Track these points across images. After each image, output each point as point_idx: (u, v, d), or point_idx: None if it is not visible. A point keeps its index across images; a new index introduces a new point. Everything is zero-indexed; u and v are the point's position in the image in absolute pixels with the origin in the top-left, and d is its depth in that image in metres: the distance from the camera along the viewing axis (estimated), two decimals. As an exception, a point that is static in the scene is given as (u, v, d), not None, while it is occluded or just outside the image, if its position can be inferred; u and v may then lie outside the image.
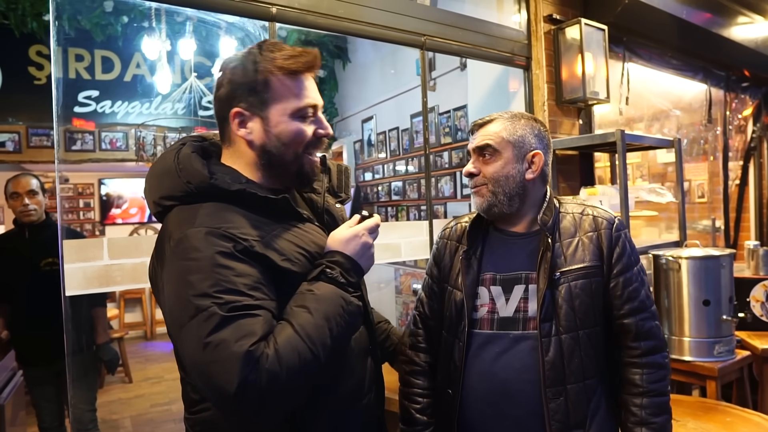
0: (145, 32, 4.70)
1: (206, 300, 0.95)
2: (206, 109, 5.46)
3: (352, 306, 1.07)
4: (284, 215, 1.13)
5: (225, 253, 0.99)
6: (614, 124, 3.63)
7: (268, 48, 1.13)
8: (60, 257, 1.75)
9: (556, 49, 3.00)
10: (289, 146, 1.13)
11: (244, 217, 1.06)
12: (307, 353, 0.97)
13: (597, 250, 1.34)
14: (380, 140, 5.56)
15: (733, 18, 3.85)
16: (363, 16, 2.32)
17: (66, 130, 5.36)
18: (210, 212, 1.05)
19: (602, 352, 1.35)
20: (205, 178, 1.07)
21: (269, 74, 1.10)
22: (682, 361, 2.41)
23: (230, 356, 0.92)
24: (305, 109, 1.13)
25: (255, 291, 0.99)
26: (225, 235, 1.01)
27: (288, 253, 1.08)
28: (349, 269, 1.10)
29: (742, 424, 1.99)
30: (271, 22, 2.09)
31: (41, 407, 3.00)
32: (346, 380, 1.17)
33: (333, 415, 1.14)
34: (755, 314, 2.83)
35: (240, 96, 1.11)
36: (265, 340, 0.96)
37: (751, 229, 4.98)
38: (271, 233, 1.08)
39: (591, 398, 1.31)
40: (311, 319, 1.00)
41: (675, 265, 2.43)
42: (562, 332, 1.29)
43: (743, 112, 4.92)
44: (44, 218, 2.96)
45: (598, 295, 1.33)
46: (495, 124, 1.39)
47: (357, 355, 1.20)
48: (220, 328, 0.94)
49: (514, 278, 1.36)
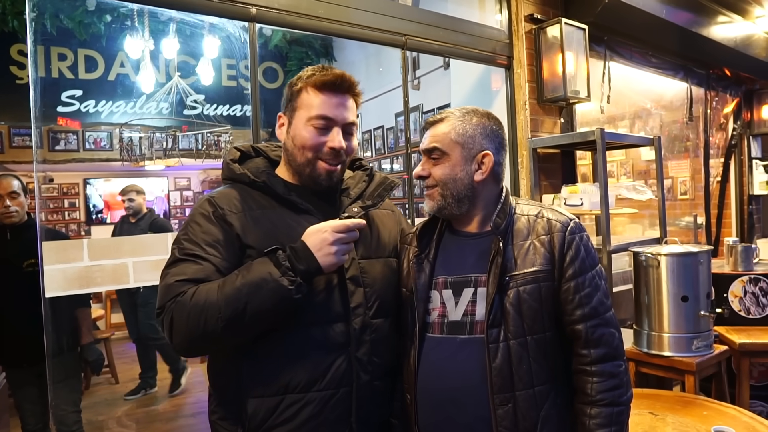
0: (128, 31, 4.68)
1: (176, 245, 1.27)
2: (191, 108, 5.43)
3: (274, 284, 1.16)
4: (282, 202, 1.32)
5: (203, 214, 1.28)
6: (596, 122, 3.67)
7: (315, 70, 1.35)
8: (39, 258, 1.74)
9: (537, 49, 3.02)
10: (301, 149, 1.32)
11: (244, 196, 1.32)
12: (213, 304, 1.16)
13: (549, 254, 1.30)
14: (365, 139, 5.57)
15: (713, 17, 3.90)
16: (343, 16, 2.32)
17: (49, 129, 5.32)
18: (224, 189, 1.35)
19: (555, 358, 1.30)
20: (227, 165, 1.38)
21: (303, 87, 1.33)
22: (662, 356, 2.44)
23: (165, 285, 1.22)
24: (320, 119, 1.31)
25: (209, 247, 1.24)
26: (211, 203, 1.29)
27: (257, 229, 1.27)
28: (300, 257, 1.20)
29: (718, 417, 2.02)
30: (251, 23, 2.09)
31: (24, 409, 2.97)
32: (294, 365, 1.26)
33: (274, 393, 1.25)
34: (733, 309, 2.88)
35: (284, 104, 1.38)
36: (195, 283, 1.19)
37: (732, 225, 5.05)
38: (257, 212, 1.30)
39: (542, 405, 1.26)
40: (234, 280, 1.18)
41: (654, 261, 2.46)
42: (510, 338, 1.26)
43: (724, 110, 4.98)
44: (26, 219, 2.94)
45: (548, 300, 1.28)
46: (445, 123, 1.36)
47: (317, 347, 1.27)
48: (171, 265, 1.24)
49: (464, 281, 1.33)
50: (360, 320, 1.30)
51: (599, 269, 1.34)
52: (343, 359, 1.28)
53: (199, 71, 5.01)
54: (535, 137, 2.96)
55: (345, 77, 1.33)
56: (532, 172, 2.96)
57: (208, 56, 4.80)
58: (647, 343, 2.49)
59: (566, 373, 1.33)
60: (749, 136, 5.05)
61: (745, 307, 2.87)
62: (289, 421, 1.24)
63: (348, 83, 1.34)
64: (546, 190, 3.03)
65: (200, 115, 5.46)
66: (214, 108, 5.63)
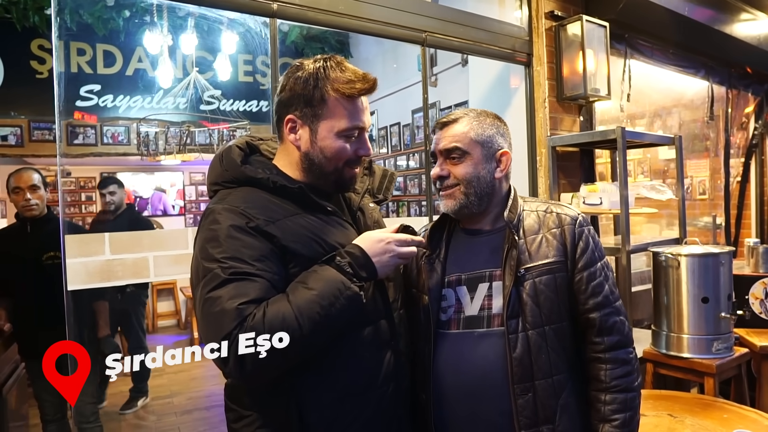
0: (146, 27, 4.70)
1: (213, 264, 1.10)
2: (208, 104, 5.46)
3: (349, 291, 1.12)
4: (309, 205, 1.23)
5: (237, 227, 1.13)
6: (615, 120, 3.63)
7: (333, 67, 1.23)
8: (62, 252, 1.76)
9: (558, 46, 3.00)
10: (331, 160, 1.24)
11: (267, 202, 1.20)
12: (293, 321, 1.06)
13: (561, 246, 1.34)
14: (381, 135, 5.57)
15: (736, 15, 3.84)
16: (363, 12, 2.32)
17: (68, 124, 5.37)
18: (239, 195, 1.21)
19: (571, 348, 1.34)
20: (237, 166, 1.24)
21: (327, 93, 1.21)
22: (681, 357, 2.41)
23: (222, 311, 1.05)
24: (352, 130, 1.24)
25: (258, 262, 1.11)
26: (241, 213, 1.15)
27: (298, 236, 1.18)
28: (362, 264, 1.16)
29: (739, 421, 1.99)
30: (272, 18, 2.09)
31: (43, 400, 3.01)
32: (353, 368, 1.22)
33: (336, 401, 1.20)
34: (754, 311, 2.84)
35: (297, 105, 1.23)
36: (257, 304, 1.07)
37: (752, 226, 4.98)
38: (288, 218, 1.19)
39: (560, 394, 1.30)
40: (306, 293, 1.09)
41: (674, 262, 2.43)
42: (529, 328, 1.29)
43: (745, 109, 4.91)
44: (46, 212, 2.98)
45: (563, 290, 1.33)
46: (461, 124, 1.37)
47: (370, 346, 1.25)
48: (219, 288, 1.07)
49: (479, 276, 1.36)
50: (397, 314, 1.35)
51: (606, 260, 1.40)
52: (391, 354, 1.29)
53: (217, 66, 5.03)
54: (554, 135, 2.94)
55: (374, 81, 1.25)
56: (551, 171, 2.94)
57: (225, 52, 4.82)
58: (666, 344, 2.46)
59: (580, 363, 1.37)
60: (771, 136, 4.97)
61: (766, 309, 2.83)
62: (352, 424, 1.23)
63: (375, 84, 1.26)
64: (564, 189, 3.01)
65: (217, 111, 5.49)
66: (231, 103, 5.65)
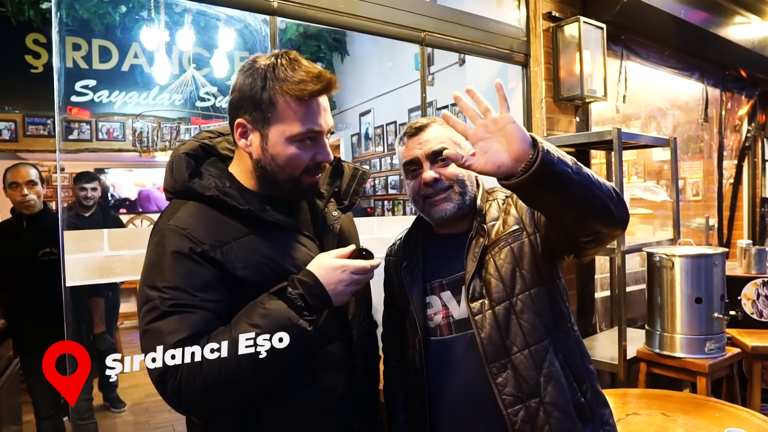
0: (143, 22, 4.67)
1: (155, 292, 1.05)
2: (204, 101, 5.44)
3: (295, 329, 1.04)
4: (263, 224, 1.14)
5: (182, 254, 1.06)
6: (611, 121, 3.65)
7: (283, 66, 1.11)
8: (60, 248, 1.75)
9: (555, 47, 3.01)
10: (284, 168, 1.14)
11: (217, 221, 1.11)
12: (232, 360, 1.00)
13: (516, 216, 1.33)
14: (377, 134, 5.57)
15: (731, 18, 3.87)
16: (363, 11, 2.32)
17: (63, 119, 5.34)
18: (187, 212, 1.11)
19: (546, 314, 1.29)
20: (185, 180, 1.13)
21: (276, 95, 1.10)
22: (674, 357, 2.44)
23: (160, 346, 0.99)
24: (305, 134, 1.12)
25: (201, 292, 1.05)
26: (188, 237, 1.07)
27: (248, 261, 1.10)
28: (314, 294, 1.08)
29: (731, 420, 2.02)
30: (272, 16, 2.10)
31: (37, 396, 3.00)
32: (305, 389, 1.17)
33: (288, 420, 1.16)
34: (746, 312, 2.87)
35: (246, 108, 1.13)
36: (198, 338, 1.01)
37: (744, 227, 5.02)
38: (238, 240, 1.10)
39: (541, 364, 1.25)
40: (248, 331, 1.02)
41: (668, 263, 2.46)
42: (495, 305, 1.27)
43: (739, 111, 4.95)
44: (42, 208, 2.97)
45: (525, 256, 1.29)
46: (439, 126, 1.36)
47: (324, 367, 1.20)
48: (158, 320, 1.02)
49: (459, 279, 1.34)
50: (356, 331, 1.27)
51: None
52: (346, 373, 1.24)
53: (213, 63, 5.01)
54: (551, 136, 2.95)
55: (330, 80, 1.13)
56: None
57: (223, 49, 4.79)
58: (659, 344, 2.49)
59: (562, 327, 1.33)
60: (763, 139, 5.01)
61: (758, 310, 2.86)
62: None
63: (333, 84, 1.13)
64: (560, 189, 3.01)
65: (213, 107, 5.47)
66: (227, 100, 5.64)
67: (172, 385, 1.00)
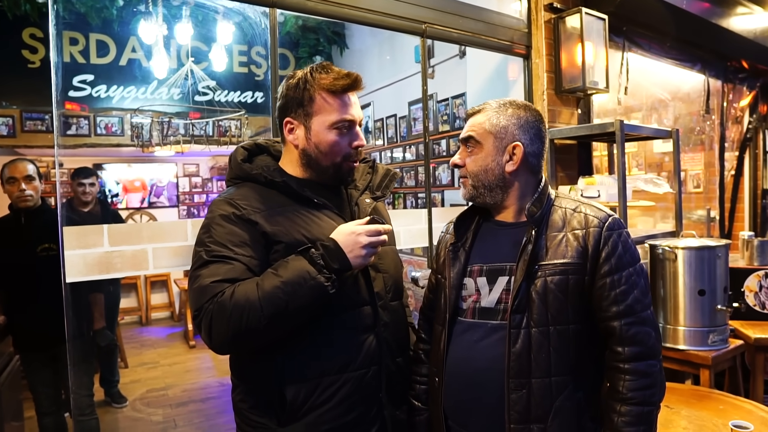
0: (141, 16, 4.64)
1: (201, 248, 1.30)
2: (202, 95, 5.41)
3: (313, 282, 1.22)
4: (299, 198, 1.37)
5: (225, 216, 1.31)
6: (612, 113, 3.63)
7: (317, 71, 1.37)
8: (60, 244, 1.74)
9: (556, 38, 2.99)
10: (327, 155, 1.37)
11: (261, 195, 1.36)
12: (255, 301, 1.20)
13: (581, 249, 1.29)
14: (377, 127, 5.55)
15: (732, 8, 3.84)
16: (363, 2, 2.30)
17: (61, 114, 5.32)
18: (239, 189, 1.38)
19: (579, 351, 1.29)
20: (238, 164, 1.42)
21: (314, 92, 1.35)
22: (677, 349, 2.44)
23: (199, 287, 1.24)
24: (342, 122, 1.36)
25: (237, 247, 1.27)
26: (232, 204, 1.32)
27: (281, 225, 1.32)
28: (334, 256, 1.26)
29: (734, 412, 2.02)
30: (271, 8, 2.07)
31: (38, 392, 3.00)
32: (328, 349, 1.34)
33: (312, 379, 1.32)
34: (749, 304, 2.86)
35: (291, 108, 1.38)
36: (230, 283, 1.23)
37: (745, 219, 5.01)
38: (277, 209, 1.34)
39: (556, 396, 1.26)
40: (273, 279, 1.23)
41: (671, 255, 2.45)
42: (533, 326, 1.27)
43: (740, 102, 4.93)
44: (40, 203, 2.95)
45: (575, 293, 1.28)
46: (482, 114, 1.39)
47: (349, 330, 1.36)
48: (201, 267, 1.27)
49: (499, 269, 1.35)
50: (383, 303, 1.42)
51: (639, 266, 1.32)
52: (372, 339, 1.38)
53: (212, 57, 4.98)
54: (553, 128, 2.94)
55: (356, 77, 1.38)
56: (549, 163, 2.94)
57: (221, 42, 4.76)
58: (662, 336, 2.48)
59: (595, 368, 1.33)
60: (765, 130, 4.99)
61: (761, 301, 2.86)
62: (328, 401, 1.32)
63: (359, 81, 1.38)
64: (562, 182, 3.01)
65: (211, 102, 5.45)
66: (226, 94, 5.61)
67: (206, 322, 1.22)
